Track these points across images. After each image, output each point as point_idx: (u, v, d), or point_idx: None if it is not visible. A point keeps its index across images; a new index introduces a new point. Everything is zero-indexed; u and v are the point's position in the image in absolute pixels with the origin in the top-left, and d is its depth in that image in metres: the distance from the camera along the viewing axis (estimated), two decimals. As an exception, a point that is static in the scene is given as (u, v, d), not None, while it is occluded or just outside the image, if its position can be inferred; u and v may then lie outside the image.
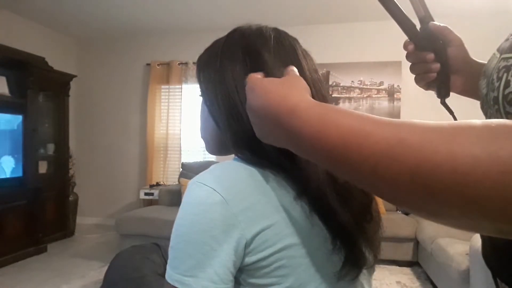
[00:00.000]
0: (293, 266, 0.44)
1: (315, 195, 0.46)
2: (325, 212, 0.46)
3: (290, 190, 0.46)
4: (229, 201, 0.43)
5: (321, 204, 0.46)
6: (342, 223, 0.47)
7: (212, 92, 0.53)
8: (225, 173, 0.46)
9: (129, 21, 3.98)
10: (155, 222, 2.97)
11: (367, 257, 0.50)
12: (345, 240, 0.47)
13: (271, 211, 0.44)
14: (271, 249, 0.43)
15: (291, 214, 0.45)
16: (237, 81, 0.50)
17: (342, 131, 0.31)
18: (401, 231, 2.93)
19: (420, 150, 0.26)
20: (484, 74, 0.50)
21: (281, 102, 0.37)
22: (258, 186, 0.45)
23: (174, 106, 4.29)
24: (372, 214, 0.52)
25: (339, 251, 0.46)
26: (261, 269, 0.44)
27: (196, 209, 0.44)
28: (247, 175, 0.46)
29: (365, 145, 0.29)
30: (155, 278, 0.99)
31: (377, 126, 0.29)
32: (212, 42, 0.58)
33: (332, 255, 0.46)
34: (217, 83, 0.52)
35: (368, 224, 0.51)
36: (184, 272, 0.43)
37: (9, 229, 3.07)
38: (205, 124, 0.57)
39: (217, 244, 0.42)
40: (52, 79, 3.81)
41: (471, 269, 1.79)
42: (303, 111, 0.34)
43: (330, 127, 0.31)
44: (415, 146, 0.26)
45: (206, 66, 0.55)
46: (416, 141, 0.26)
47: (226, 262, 0.43)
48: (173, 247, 0.45)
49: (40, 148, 3.68)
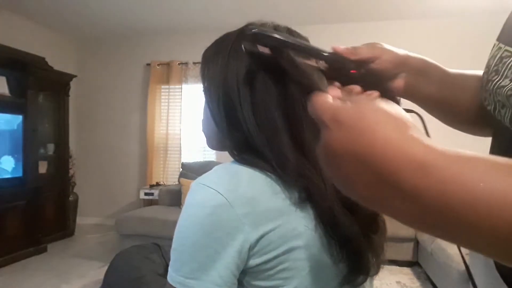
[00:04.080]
0: (297, 269, 0.44)
1: (321, 206, 0.46)
2: (331, 225, 0.46)
3: (295, 194, 0.45)
4: (233, 203, 0.42)
5: (327, 217, 0.45)
6: (349, 236, 0.46)
7: (214, 92, 0.52)
8: (228, 175, 0.46)
9: (129, 21, 3.98)
10: (155, 222, 2.97)
11: (372, 266, 0.49)
12: (352, 252, 0.46)
13: (275, 214, 0.44)
14: (275, 251, 0.43)
15: (295, 217, 0.45)
16: (240, 84, 0.49)
17: (475, 197, 0.24)
18: (401, 231, 2.93)
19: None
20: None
21: (399, 151, 0.26)
22: (262, 189, 0.45)
23: (174, 106, 4.28)
24: (379, 225, 0.51)
25: (346, 261, 0.46)
26: (265, 271, 0.44)
27: (200, 212, 0.43)
28: (251, 177, 0.45)
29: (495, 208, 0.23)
30: (155, 278, 0.99)
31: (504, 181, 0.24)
32: (222, 35, 0.55)
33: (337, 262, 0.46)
34: (220, 82, 0.51)
35: (375, 235, 0.50)
36: (187, 275, 0.42)
37: (9, 229, 3.07)
38: (207, 120, 0.56)
39: (221, 247, 0.42)
40: (52, 79, 3.81)
41: (471, 269, 1.79)
42: (436, 169, 0.25)
43: (462, 189, 0.25)
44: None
45: (211, 62, 0.53)
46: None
47: (230, 265, 0.42)
48: (175, 249, 0.44)
49: (40, 148, 3.68)
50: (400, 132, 0.28)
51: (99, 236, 3.97)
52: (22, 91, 3.33)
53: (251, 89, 0.49)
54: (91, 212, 4.55)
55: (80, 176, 4.47)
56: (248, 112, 0.48)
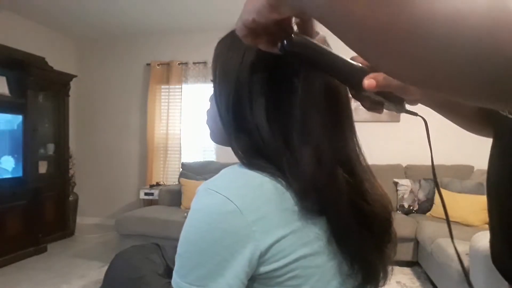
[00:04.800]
0: (307, 276, 0.43)
1: (335, 222, 0.45)
2: (344, 241, 0.45)
3: (308, 204, 0.44)
4: (243, 210, 0.41)
5: (340, 234, 0.45)
6: (361, 252, 0.46)
7: (224, 90, 0.49)
8: (237, 181, 0.44)
9: (129, 21, 3.98)
10: (155, 222, 2.97)
11: (381, 278, 0.50)
12: (364, 266, 0.46)
13: (286, 221, 0.42)
14: (286, 259, 0.42)
15: (306, 224, 0.43)
16: (254, 84, 0.47)
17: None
18: (401, 231, 2.93)
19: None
20: None
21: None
22: (271, 195, 0.43)
23: (174, 106, 4.28)
24: (391, 236, 0.51)
25: (356, 273, 0.46)
26: (275, 278, 0.43)
27: (208, 218, 0.41)
28: (261, 183, 0.43)
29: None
30: (155, 278, 0.99)
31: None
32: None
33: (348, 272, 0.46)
34: (232, 80, 0.48)
35: (386, 246, 0.50)
36: (194, 282, 0.41)
37: (9, 229, 3.07)
38: (213, 113, 0.53)
39: (230, 255, 0.41)
40: (52, 79, 3.80)
41: (471, 269, 1.79)
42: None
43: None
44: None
45: (226, 56, 0.50)
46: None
47: (239, 274, 0.41)
48: (181, 254, 0.43)
49: (40, 148, 3.68)
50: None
51: (99, 236, 3.97)
52: (22, 91, 3.34)
53: (266, 94, 0.47)
54: (91, 212, 4.55)
55: (80, 176, 4.47)
56: (261, 117, 0.46)
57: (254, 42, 0.42)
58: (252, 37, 0.41)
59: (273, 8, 0.36)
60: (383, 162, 3.54)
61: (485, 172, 0.71)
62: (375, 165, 3.51)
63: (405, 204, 3.34)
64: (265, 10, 0.37)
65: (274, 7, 0.36)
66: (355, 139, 0.50)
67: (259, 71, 0.47)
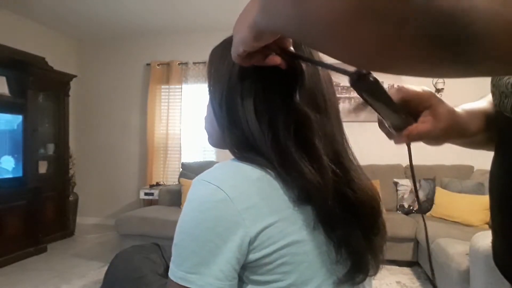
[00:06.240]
0: (296, 263, 0.44)
1: (320, 208, 0.46)
2: (330, 226, 0.46)
3: (295, 192, 0.46)
4: (233, 199, 0.43)
5: (326, 219, 0.46)
6: (348, 238, 0.47)
7: (218, 90, 0.53)
8: (229, 172, 0.47)
9: (129, 21, 3.98)
10: (155, 222, 2.97)
11: (371, 266, 0.50)
12: (351, 252, 0.47)
13: (275, 209, 0.45)
14: (275, 246, 0.44)
15: (294, 213, 0.45)
16: (244, 83, 0.50)
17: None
18: (401, 231, 2.93)
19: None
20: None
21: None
22: (261, 185, 0.46)
23: (174, 106, 4.28)
24: (380, 228, 0.52)
25: (344, 260, 0.47)
26: (264, 266, 0.44)
27: (201, 207, 0.44)
28: (251, 174, 0.46)
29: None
30: (155, 278, 0.99)
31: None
32: (231, 36, 0.53)
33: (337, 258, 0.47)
34: (225, 81, 0.52)
35: (375, 237, 0.51)
36: (188, 269, 0.43)
37: (9, 229, 3.07)
38: (210, 118, 0.57)
39: (221, 241, 0.43)
40: (52, 79, 3.80)
41: (471, 269, 1.79)
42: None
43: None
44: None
45: (218, 62, 0.55)
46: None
47: (231, 260, 0.43)
48: (177, 244, 0.45)
49: (40, 148, 3.68)
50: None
51: (99, 236, 3.97)
52: (22, 91, 3.34)
53: (255, 91, 0.50)
54: (91, 212, 4.55)
55: (80, 176, 4.47)
56: (250, 111, 0.49)
57: (251, 63, 0.47)
58: (247, 61, 0.46)
59: (257, 39, 0.41)
60: (383, 162, 3.54)
61: (485, 172, 0.70)
62: (375, 165, 3.51)
63: (405, 204, 3.34)
64: (250, 41, 0.42)
65: (257, 38, 0.41)
66: (343, 134, 0.54)
67: (250, 70, 0.50)
